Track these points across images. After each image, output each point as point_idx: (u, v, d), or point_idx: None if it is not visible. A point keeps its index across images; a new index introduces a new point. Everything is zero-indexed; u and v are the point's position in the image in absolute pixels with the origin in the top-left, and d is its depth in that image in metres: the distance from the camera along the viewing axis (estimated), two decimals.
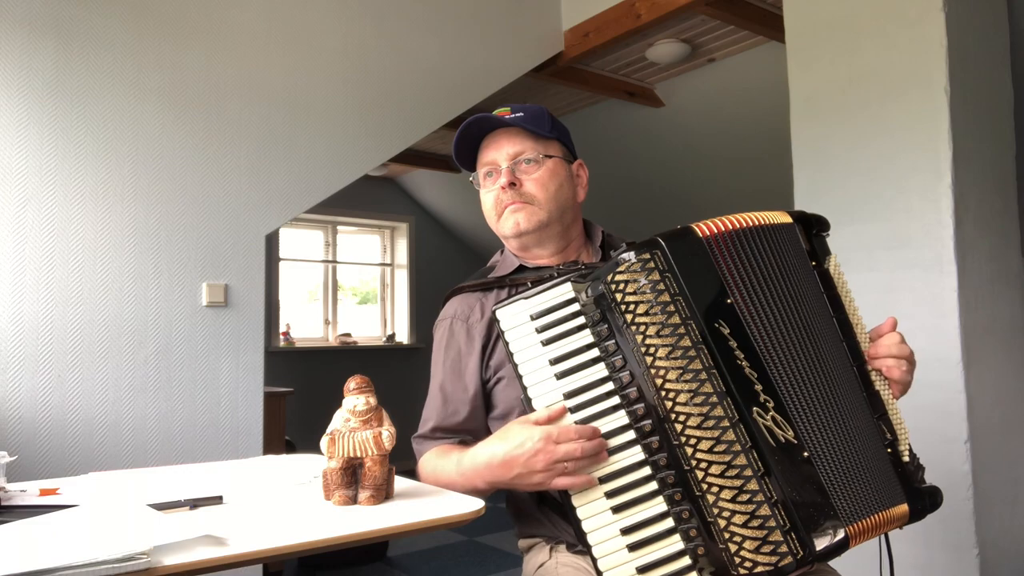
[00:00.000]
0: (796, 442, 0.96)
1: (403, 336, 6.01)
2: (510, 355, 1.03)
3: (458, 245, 6.39)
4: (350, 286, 6.13)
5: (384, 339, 5.97)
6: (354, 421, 1.04)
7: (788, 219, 1.07)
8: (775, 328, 1.00)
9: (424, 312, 6.04)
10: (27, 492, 1.10)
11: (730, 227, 1.02)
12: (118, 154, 2.26)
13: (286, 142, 2.55)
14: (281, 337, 5.32)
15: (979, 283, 1.96)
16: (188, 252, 2.36)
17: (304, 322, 5.63)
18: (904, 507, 1.00)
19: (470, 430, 1.24)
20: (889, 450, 1.02)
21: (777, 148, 2.85)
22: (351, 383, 1.05)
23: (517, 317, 1.04)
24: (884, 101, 2.06)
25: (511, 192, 1.22)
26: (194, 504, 1.03)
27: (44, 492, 1.11)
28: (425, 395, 1.29)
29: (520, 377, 1.02)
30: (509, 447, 1.01)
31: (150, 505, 1.00)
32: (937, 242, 1.93)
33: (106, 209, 2.23)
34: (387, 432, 1.04)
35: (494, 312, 1.06)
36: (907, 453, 1.03)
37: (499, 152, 1.24)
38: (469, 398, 1.23)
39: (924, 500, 1.01)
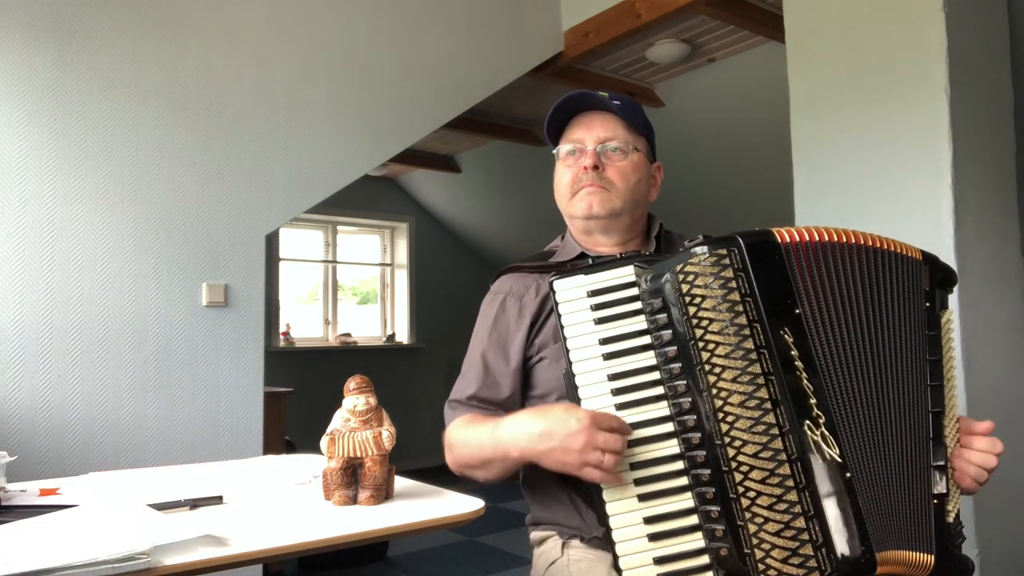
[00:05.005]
0: (841, 461, 0.94)
1: (403, 336, 6.00)
2: (560, 328, 1.02)
3: (458, 245, 6.39)
4: (350, 286, 6.13)
5: (384, 339, 5.97)
6: (354, 421, 1.04)
7: (918, 255, 1.07)
8: (841, 346, 0.99)
9: (424, 312, 6.04)
10: (27, 492, 1.10)
11: (816, 239, 1.01)
12: (118, 154, 2.26)
13: (286, 142, 2.55)
14: (281, 337, 5.32)
15: (979, 283, 1.96)
16: (188, 252, 2.36)
17: (304, 322, 5.62)
18: (930, 558, 0.97)
19: (508, 408, 1.22)
20: (936, 501, 0.99)
21: (777, 148, 2.85)
22: (351, 383, 1.05)
23: (574, 291, 1.03)
24: (884, 101, 2.06)
25: (593, 174, 1.22)
26: (194, 504, 1.03)
27: (44, 492, 1.11)
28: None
29: (567, 352, 1.01)
30: (551, 420, 0.99)
31: (150, 505, 1.00)
32: (937, 242, 1.93)
33: (106, 209, 2.23)
34: (387, 432, 1.04)
35: (551, 283, 1.05)
36: (953, 514, 1.00)
37: (589, 133, 1.24)
38: (511, 371, 1.22)
39: (954, 564, 0.98)
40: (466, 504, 1.04)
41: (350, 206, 5.55)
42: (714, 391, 0.95)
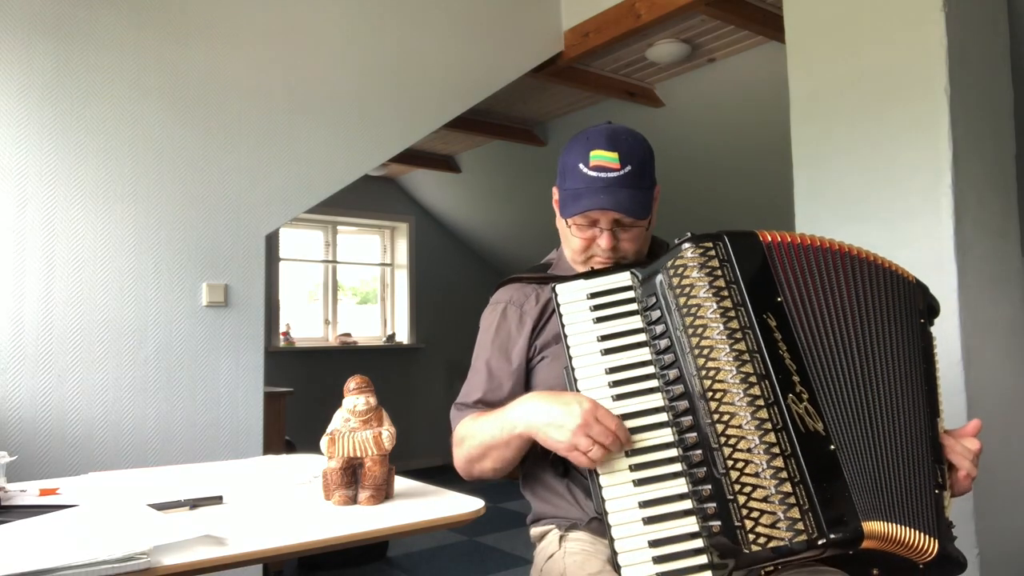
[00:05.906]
0: (824, 434, 0.99)
1: (403, 336, 6.00)
2: (562, 326, 1.10)
3: (458, 245, 6.39)
4: (350, 286, 6.12)
5: (384, 339, 5.97)
6: (354, 421, 1.04)
7: (913, 279, 1.16)
8: (821, 335, 1.05)
9: (424, 312, 6.04)
10: (27, 492, 1.10)
11: (798, 242, 1.10)
12: (118, 154, 2.26)
13: (286, 142, 2.55)
14: (281, 337, 5.32)
15: (979, 283, 1.96)
16: (188, 252, 2.36)
17: (304, 322, 5.62)
18: (934, 541, 0.98)
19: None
20: (937, 491, 1.02)
21: (777, 148, 2.85)
22: (351, 383, 1.05)
23: (575, 294, 1.12)
24: (884, 101, 2.06)
25: (608, 251, 1.23)
26: (194, 504, 1.03)
27: (44, 492, 1.11)
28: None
29: (568, 348, 1.08)
30: (557, 400, 1.04)
31: (150, 505, 1.00)
32: (937, 242, 1.93)
33: (106, 209, 2.23)
34: (387, 432, 1.05)
35: (554, 287, 1.13)
36: (949, 511, 1.03)
37: (603, 215, 1.21)
38: (512, 371, 1.27)
39: (952, 554, 1.00)
40: (466, 504, 1.04)
41: (350, 206, 5.54)
42: (703, 372, 1.01)
